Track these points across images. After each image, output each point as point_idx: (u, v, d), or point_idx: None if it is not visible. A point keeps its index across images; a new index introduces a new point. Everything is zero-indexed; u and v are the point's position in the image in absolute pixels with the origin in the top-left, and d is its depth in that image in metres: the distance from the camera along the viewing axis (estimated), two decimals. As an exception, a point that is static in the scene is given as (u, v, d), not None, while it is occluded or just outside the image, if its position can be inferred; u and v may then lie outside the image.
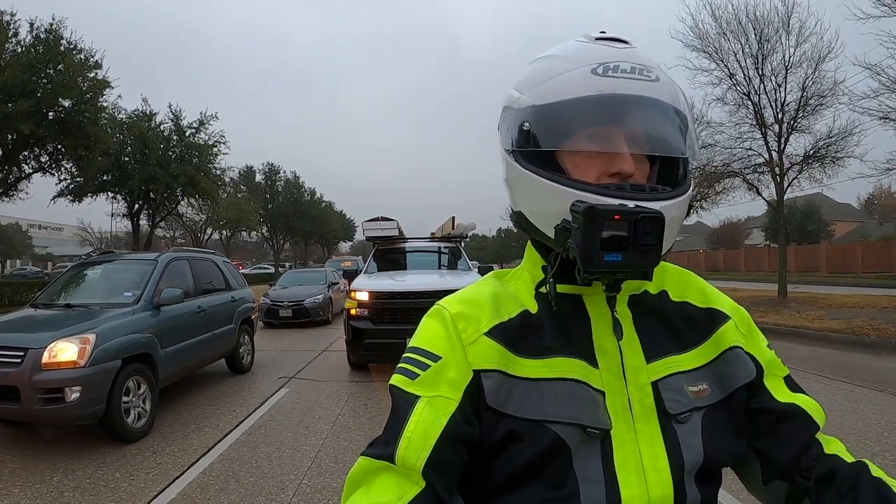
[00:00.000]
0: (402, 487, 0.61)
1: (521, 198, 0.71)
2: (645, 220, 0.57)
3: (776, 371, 0.76)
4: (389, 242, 8.73)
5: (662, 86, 0.66)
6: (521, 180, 0.70)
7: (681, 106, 0.68)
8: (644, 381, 0.67)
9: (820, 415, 0.73)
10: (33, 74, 13.70)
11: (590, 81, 0.64)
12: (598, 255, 0.57)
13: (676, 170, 0.71)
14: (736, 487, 3.10)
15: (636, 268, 0.60)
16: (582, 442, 0.63)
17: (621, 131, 0.65)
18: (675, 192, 0.67)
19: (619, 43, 0.68)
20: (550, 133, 0.67)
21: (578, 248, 0.58)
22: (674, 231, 0.66)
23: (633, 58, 0.66)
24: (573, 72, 0.66)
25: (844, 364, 6.93)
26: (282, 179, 41.26)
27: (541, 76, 0.69)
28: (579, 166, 0.66)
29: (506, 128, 0.73)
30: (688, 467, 0.65)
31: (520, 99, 0.70)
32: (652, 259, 0.59)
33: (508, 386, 0.65)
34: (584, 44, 0.70)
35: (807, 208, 39.17)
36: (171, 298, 5.35)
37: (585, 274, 0.60)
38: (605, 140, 0.65)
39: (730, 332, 0.74)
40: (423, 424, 0.63)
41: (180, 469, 3.83)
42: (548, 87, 0.67)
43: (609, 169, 0.65)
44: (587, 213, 0.57)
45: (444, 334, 0.69)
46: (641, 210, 0.58)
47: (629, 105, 0.65)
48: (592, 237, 0.57)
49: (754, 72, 12.98)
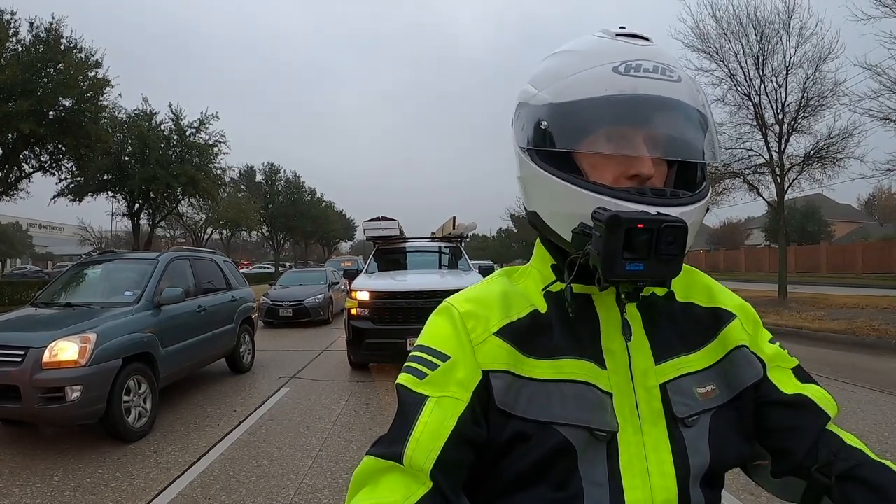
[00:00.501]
0: (409, 488, 0.61)
1: (537, 197, 0.70)
2: (668, 229, 0.56)
3: (782, 363, 0.74)
4: (390, 242, 8.73)
5: (684, 86, 0.64)
6: (536, 180, 0.68)
7: (702, 107, 0.66)
8: (652, 384, 0.67)
9: (830, 404, 0.71)
10: (34, 73, 13.71)
11: (612, 80, 0.62)
12: (619, 264, 0.56)
13: (694, 173, 0.70)
14: (736, 487, 3.10)
15: (658, 276, 0.58)
16: (588, 444, 0.63)
17: (642, 133, 0.63)
18: (695, 197, 0.65)
19: (640, 40, 0.66)
20: (569, 132, 0.65)
21: (600, 256, 0.57)
22: (692, 237, 0.65)
23: (656, 56, 0.64)
24: (594, 69, 0.63)
25: (844, 364, 6.93)
26: (282, 179, 41.31)
27: (559, 72, 0.67)
28: (597, 167, 0.65)
29: (521, 125, 0.71)
30: (693, 472, 0.65)
31: (537, 95, 0.68)
32: (674, 268, 0.58)
33: (517, 387, 0.65)
34: (604, 40, 0.67)
35: (807, 209, 39.16)
36: (172, 298, 5.35)
37: (606, 283, 0.59)
38: (625, 141, 0.63)
39: (735, 332, 0.73)
40: (431, 426, 0.62)
41: (181, 468, 3.83)
42: (567, 84, 0.65)
43: (627, 171, 0.63)
44: (610, 221, 0.56)
45: (453, 333, 0.68)
46: (664, 219, 0.57)
47: (652, 106, 0.63)
48: (615, 246, 0.55)
49: (755, 72, 12.98)
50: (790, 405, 0.70)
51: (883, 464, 0.65)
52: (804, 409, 0.70)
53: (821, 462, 0.67)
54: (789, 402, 0.70)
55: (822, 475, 0.66)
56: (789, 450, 0.69)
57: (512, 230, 51.47)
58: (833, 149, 12.76)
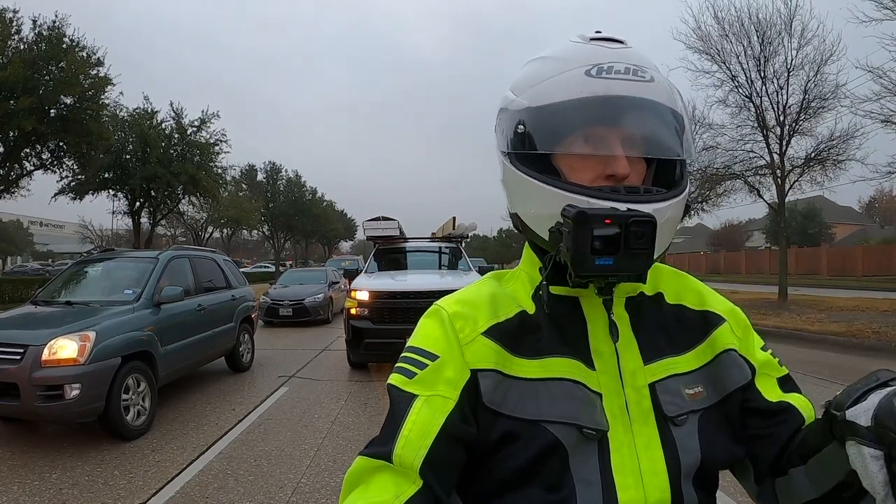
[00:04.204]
0: (400, 486, 0.61)
1: (517, 200, 0.72)
2: (636, 224, 0.57)
3: (770, 371, 0.75)
4: (390, 242, 8.74)
5: (657, 86, 0.65)
6: (516, 182, 0.69)
7: (676, 107, 0.67)
8: (641, 384, 0.67)
9: (809, 410, 0.72)
10: (35, 71, 13.71)
11: (584, 83, 0.64)
12: (588, 258, 0.57)
13: (673, 171, 0.71)
14: (734, 490, 3.10)
15: (628, 271, 0.59)
16: (579, 443, 0.63)
17: (616, 133, 0.65)
18: (669, 194, 0.66)
19: (613, 43, 0.67)
20: (545, 135, 0.67)
21: (570, 251, 0.58)
22: (669, 233, 0.66)
23: (627, 58, 0.65)
24: (567, 73, 0.65)
25: (844, 367, 6.92)
26: (283, 178, 41.35)
27: (535, 77, 0.68)
28: (575, 168, 0.66)
29: (501, 129, 0.73)
30: (685, 470, 0.65)
31: (515, 101, 0.70)
32: (643, 262, 0.59)
33: (505, 386, 0.65)
34: (578, 44, 0.69)
35: (808, 211, 39.18)
36: (172, 296, 5.35)
37: (577, 277, 0.60)
38: (600, 142, 0.65)
39: (724, 335, 0.74)
40: (420, 423, 0.63)
41: (179, 467, 3.83)
42: (542, 89, 0.66)
43: (604, 171, 0.65)
44: (577, 217, 0.57)
45: (442, 334, 0.69)
46: (633, 214, 0.58)
47: (623, 106, 0.64)
48: (583, 241, 0.57)
49: (756, 74, 13.00)
50: (771, 413, 0.71)
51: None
52: (784, 414, 0.71)
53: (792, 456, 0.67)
54: (770, 411, 0.71)
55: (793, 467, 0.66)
56: (764, 455, 0.70)
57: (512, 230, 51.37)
58: (834, 151, 12.79)
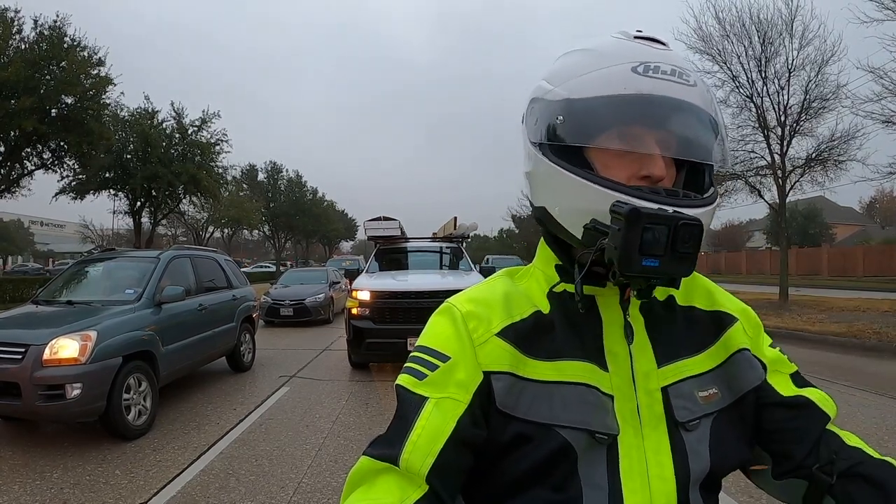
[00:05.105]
0: (405, 490, 0.60)
1: (546, 193, 0.69)
2: (685, 227, 0.56)
3: (781, 368, 0.74)
4: (391, 242, 8.74)
5: (699, 91, 0.64)
6: (548, 175, 0.67)
7: (715, 113, 0.66)
8: (654, 387, 0.66)
9: (830, 405, 0.71)
10: (37, 71, 13.74)
11: (630, 79, 0.62)
12: (636, 259, 0.56)
13: (702, 178, 0.69)
14: (736, 490, 3.10)
15: (671, 275, 0.58)
16: (589, 447, 0.63)
17: (655, 134, 0.63)
18: (706, 200, 0.65)
19: (657, 44, 0.67)
20: (585, 128, 0.64)
21: (617, 250, 0.56)
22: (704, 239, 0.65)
23: (672, 60, 0.65)
24: (613, 68, 0.64)
25: (845, 367, 6.92)
26: (284, 178, 41.38)
27: (577, 69, 0.66)
28: (610, 166, 0.64)
29: (533, 120, 0.70)
30: (693, 477, 0.65)
31: (552, 91, 0.67)
32: (688, 266, 0.58)
33: (518, 388, 0.65)
34: (622, 41, 0.67)
35: (808, 211, 39.14)
36: (173, 296, 5.35)
37: (621, 277, 0.59)
38: (639, 141, 0.63)
39: (737, 335, 0.73)
40: (430, 429, 0.62)
41: (180, 467, 3.83)
42: (584, 81, 0.65)
43: (639, 171, 0.63)
44: (630, 214, 0.56)
45: (454, 334, 0.68)
46: (682, 217, 0.57)
47: (667, 108, 0.63)
48: (633, 240, 0.55)
49: (757, 74, 12.96)
50: (790, 406, 0.71)
51: (884, 460, 0.65)
52: (804, 409, 0.70)
53: (822, 461, 0.67)
54: (789, 404, 0.71)
55: (824, 474, 0.66)
56: (790, 451, 0.69)
57: (513, 230, 51.40)
58: (835, 151, 12.75)
